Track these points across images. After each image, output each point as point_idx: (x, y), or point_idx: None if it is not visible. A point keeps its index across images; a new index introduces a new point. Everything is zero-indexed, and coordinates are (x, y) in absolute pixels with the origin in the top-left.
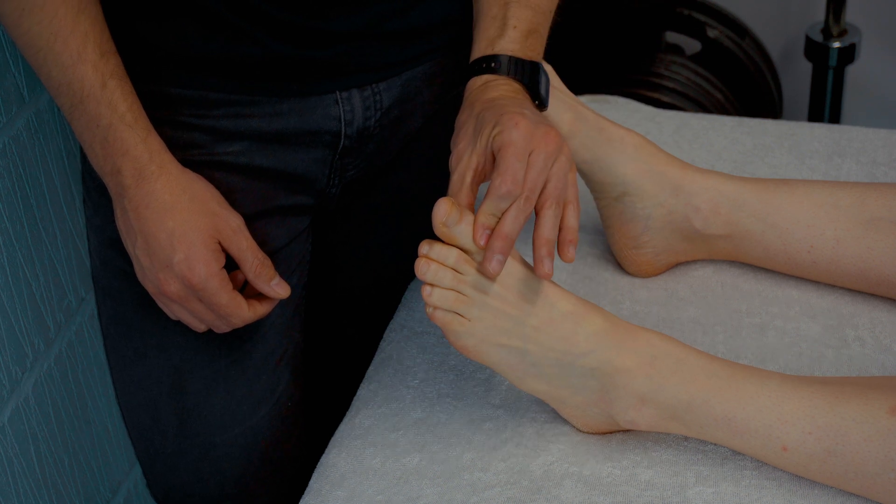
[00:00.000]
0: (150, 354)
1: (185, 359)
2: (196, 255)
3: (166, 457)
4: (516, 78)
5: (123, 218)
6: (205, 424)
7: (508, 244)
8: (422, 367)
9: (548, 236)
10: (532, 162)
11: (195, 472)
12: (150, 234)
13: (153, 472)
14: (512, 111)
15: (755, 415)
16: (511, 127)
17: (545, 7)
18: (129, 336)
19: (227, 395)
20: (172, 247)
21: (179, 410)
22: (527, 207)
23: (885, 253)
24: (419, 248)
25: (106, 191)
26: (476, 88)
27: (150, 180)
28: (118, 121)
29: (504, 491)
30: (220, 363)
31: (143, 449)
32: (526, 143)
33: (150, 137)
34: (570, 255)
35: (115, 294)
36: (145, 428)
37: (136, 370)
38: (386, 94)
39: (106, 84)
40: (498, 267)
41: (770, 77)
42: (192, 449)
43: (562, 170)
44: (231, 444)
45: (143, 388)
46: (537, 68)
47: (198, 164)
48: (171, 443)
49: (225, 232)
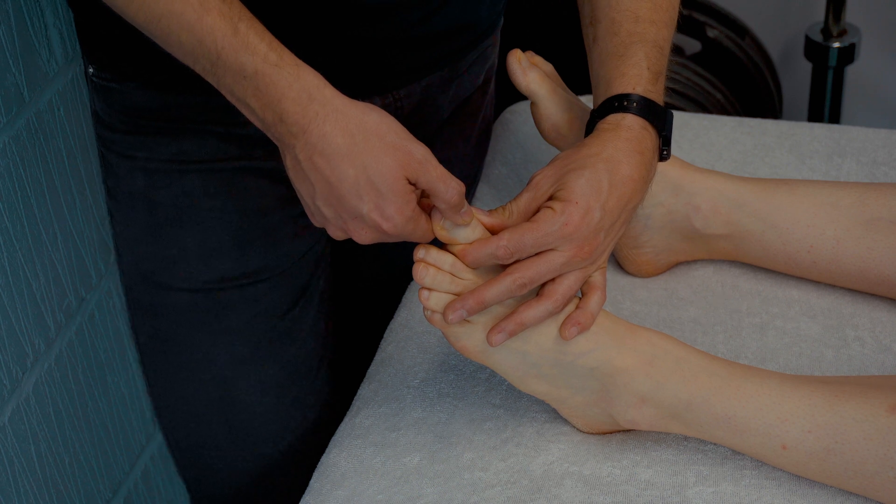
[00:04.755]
0: (195, 368)
1: (231, 370)
2: (386, 202)
3: (216, 471)
4: (647, 119)
5: (296, 169)
6: (256, 436)
7: (479, 308)
8: (422, 367)
9: (522, 319)
10: (549, 257)
11: (247, 485)
12: (330, 184)
13: (201, 489)
14: (590, 193)
15: (755, 413)
16: (571, 208)
17: (667, 50)
18: (171, 352)
19: (276, 403)
20: (359, 196)
21: (229, 423)
22: (515, 291)
23: (885, 253)
24: (414, 252)
25: (137, 202)
26: (602, 131)
27: (318, 122)
28: (263, 63)
29: (504, 490)
30: (267, 372)
31: (189, 465)
32: (562, 236)
33: (303, 72)
34: (571, 334)
35: (154, 310)
36: (193, 444)
37: (181, 386)
38: (406, 101)
39: (238, 29)
40: (455, 319)
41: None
42: (243, 461)
43: (576, 279)
44: (282, 453)
45: (189, 404)
46: (668, 115)
47: (227, 171)
48: (221, 457)
49: (411, 166)
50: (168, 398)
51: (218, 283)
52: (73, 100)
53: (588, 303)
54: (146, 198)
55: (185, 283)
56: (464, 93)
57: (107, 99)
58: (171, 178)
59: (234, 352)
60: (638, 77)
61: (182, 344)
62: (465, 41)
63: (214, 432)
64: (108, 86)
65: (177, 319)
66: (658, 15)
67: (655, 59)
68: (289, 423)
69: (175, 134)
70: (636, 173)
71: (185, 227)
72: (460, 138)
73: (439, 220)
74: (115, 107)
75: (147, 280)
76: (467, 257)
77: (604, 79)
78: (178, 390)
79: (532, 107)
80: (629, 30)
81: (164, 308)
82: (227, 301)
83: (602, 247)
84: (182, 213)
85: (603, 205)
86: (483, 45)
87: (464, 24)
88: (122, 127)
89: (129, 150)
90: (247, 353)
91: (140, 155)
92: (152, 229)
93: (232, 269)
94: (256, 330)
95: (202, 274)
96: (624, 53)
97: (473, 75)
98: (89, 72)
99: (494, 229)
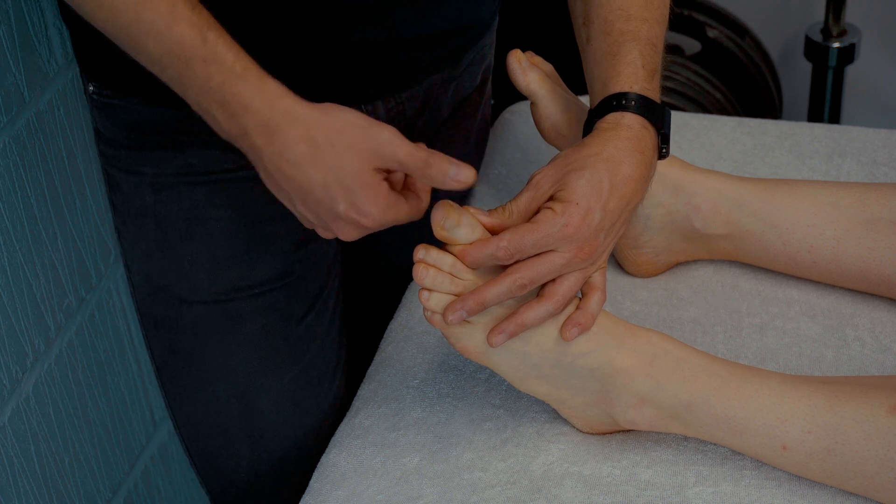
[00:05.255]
0: (214, 380)
1: (251, 380)
2: (358, 198)
3: (240, 482)
4: (646, 117)
5: (269, 179)
6: (278, 443)
7: (479, 308)
8: (422, 367)
9: (523, 320)
10: (549, 258)
11: (272, 492)
12: (303, 189)
13: (225, 499)
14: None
15: (755, 414)
16: (572, 209)
17: (661, 47)
18: (189, 365)
19: (295, 409)
20: (332, 197)
21: (250, 432)
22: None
23: (885, 253)
24: (415, 253)
25: (146, 218)
26: (602, 130)
27: (280, 133)
28: (229, 74)
29: (504, 491)
30: (285, 378)
31: (212, 477)
32: (563, 237)
33: (265, 84)
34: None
35: (169, 324)
36: (215, 455)
37: (200, 398)
38: (409, 105)
39: (206, 38)
40: (456, 319)
41: (770, 77)
42: (267, 468)
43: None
44: (303, 458)
45: (210, 415)
46: (667, 112)
47: (232, 181)
48: (244, 466)
49: (376, 155)
50: (187, 410)
51: (230, 294)
52: (73, 100)
53: (588, 303)
54: (155, 213)
55: (197, 295)
56: (463, 93)
57: (109, 116)
58: (179, 192)
59: (251, 361)
60: (634, 75)
61: (199, 356)
62: (465, 40)
63: (235, 442)
64: (110, 102)
65: (192, 332)
66: (649, 12)
67: (650, 57)
68: (308, 427)
69: (179, 147)
70: (637, 173)
71: (194, 240)
72: (460, 138)
73: (439, 220)
74: (117, 123)
75: (160, 294)
76: (467, 258)
77: (599, 78)
78: (198, 402)
79: (532, 107)
80: (621, 28)
81: (179, 321)
82: (240, 311)
83: (602, 247)
84: (191, 225)
85: (604, 205)
86: (481, 43)
87: (464, 24)
88: (126, 143)
89: (134, 165)
90: (263, 361)
91: (146, 170)
92: (162, 244)
93: (242, 279)
94: (272, 338)
95: (213, 286)
96: (618, 52)
97: (472, 75)
98: (89, 90)
99: (494, 229)
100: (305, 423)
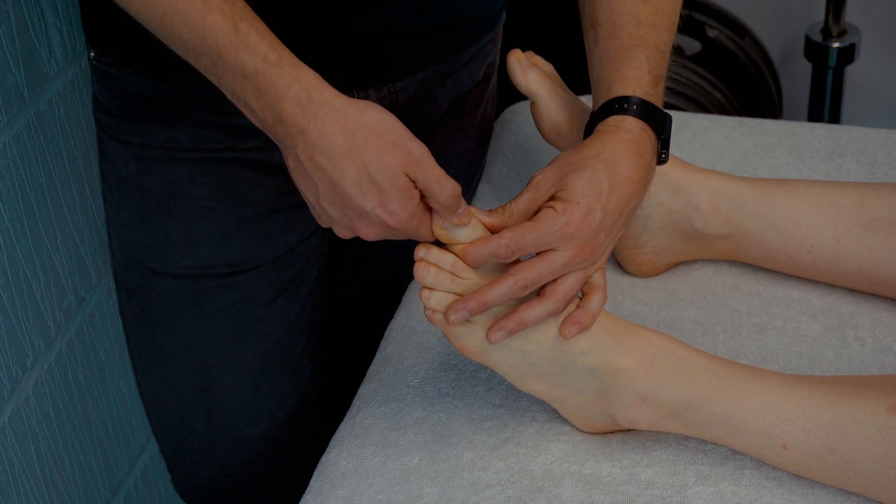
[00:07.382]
0: (177, 352)
1: (212, 355)
2: (389, 198)
3: (194, 452)
4: (647, 121)
5: (297, 169)
6: (233, 419)
7: (481, 309)
8: (422, 367)
9: (523, 318)
10: (550, 258)
11: (223, 466)
12: (332, 182)
13: (179, 469)
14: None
15: (755, 413)
16: (573, 208)
17: (668, 54)
18: (155, 334)
19: (254, 390)
20: (362, 194)
21: (207, 406)
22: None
23: (885, 253)
24: (415, 252)
25: (129, 187)
26: (602, 132)
27: (317, 122)
28: (263, 63)
29: (504, 490)
30: (246, 358)
31: (169, 445)
32: (564, 235)
33: (302, 73)
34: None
35: (141, 292)
36: (172, 425)
37: (162, 368)
38: (402, 94)
39: (238, 28)
40: (457, 319)
41: (770, 77)
42: (221, 444)
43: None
44: (259, 438)
45: (170, 386)
46: (668, 118)
47: (217, 161)
48: (199, 438)
49: (409, 164)
50: (150, 379)
51: (200, 270)
52: (73, 100)
53: (589, 302)
54: (137, 184)
55: (168, 268)
56: (462, 88)
57: (106, 83)
58: (162, 166)
59: (214, 337)
60: (638, 80)
61: (165, 327)
62: (462, 35)
63: (193, 414)
64: (108, 70)
65: (160, 303)
66: (660, 19)
67: (656, 63)
68: (265, 409)
69: (168, 122)
70: (635, 175)
71: (171, 216)
72: (459, 133)
73: (439, 219)
74: (112, 92)
75: (134, 263)
76: (468, 256)
77: (604, 81)
78: (160, 371)
79: (532, 107)
80: (630, 33)
81: (150, 292)
82: (208, 288)
83: (602, 247)
84: (170, 200)
85: (604, 206)
86: (482, 40)
87: (461, 18)
88: (119, 112)
89: (124, 135)
90: (225, 338)
91: (134, 140)
92: (141, 215)
93: (214, 259)
94: (236, 317)
95: (184, 260)
96: (625, 56)
97: (472, 71)
98: (91, 55)
99: (494, 229)
100: (262, 403)
